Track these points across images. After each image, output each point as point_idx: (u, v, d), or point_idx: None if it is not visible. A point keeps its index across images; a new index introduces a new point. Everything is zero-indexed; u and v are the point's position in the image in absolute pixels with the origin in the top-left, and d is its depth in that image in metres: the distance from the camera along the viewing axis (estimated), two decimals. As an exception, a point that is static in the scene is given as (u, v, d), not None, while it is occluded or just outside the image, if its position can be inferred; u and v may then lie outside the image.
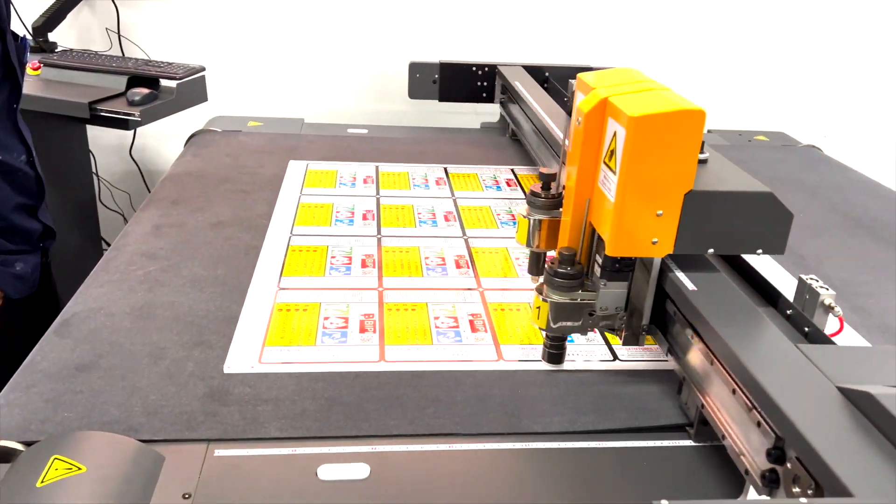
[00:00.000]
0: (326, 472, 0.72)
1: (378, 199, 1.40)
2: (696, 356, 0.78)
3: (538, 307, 0.86)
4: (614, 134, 0.76)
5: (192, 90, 1.75)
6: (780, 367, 0.66)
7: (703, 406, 0.76)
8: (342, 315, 0.99)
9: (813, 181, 1.61)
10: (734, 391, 0.69)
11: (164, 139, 2.15)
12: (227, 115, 1.89)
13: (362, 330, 0.96)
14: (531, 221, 0.92)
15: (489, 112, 1.98)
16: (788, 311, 0.81)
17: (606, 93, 0.79)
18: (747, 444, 0.68)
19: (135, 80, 1.72)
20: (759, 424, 0.65)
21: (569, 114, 1.30)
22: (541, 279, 0.89)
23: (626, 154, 0.73)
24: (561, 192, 0.91)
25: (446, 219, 1.33)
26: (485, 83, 1.89)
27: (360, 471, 0.72)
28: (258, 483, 0.70)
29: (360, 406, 0.81)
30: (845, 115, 2.26)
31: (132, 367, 0.86)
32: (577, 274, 0.85)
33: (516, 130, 1.74)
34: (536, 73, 1.81)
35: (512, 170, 1.60)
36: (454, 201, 1.41)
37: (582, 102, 0.81)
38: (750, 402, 0.66)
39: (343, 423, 0.78)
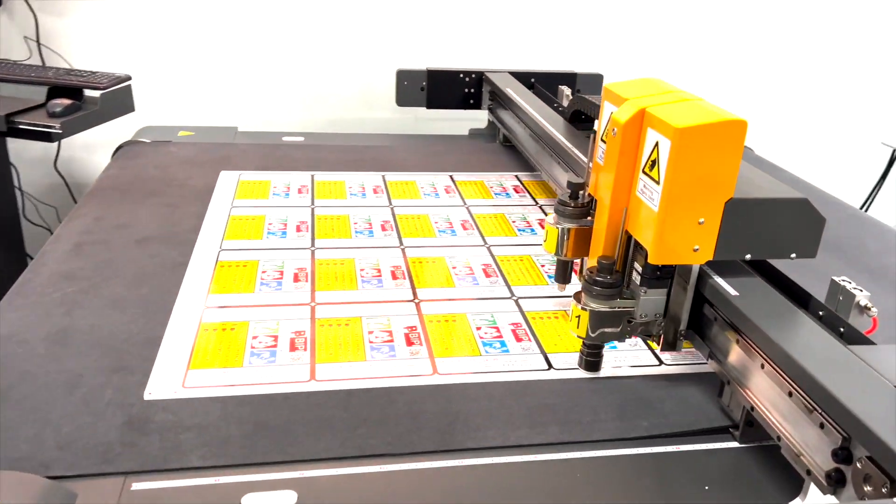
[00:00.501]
0: (251, 502, 0.69)
1: (313, 210, 1.37)
2: (740, 359, 0.79)
3: (577, 316, 0.86)
4: (656, 144, 0.77)
5: (118, 100, 1.68)
6: (838, 368, 0.67)
7: (752, 409, 0.77)
8: (272, 333, 0.96)
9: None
10: (790, 393, 0.70)
11: (91, 150, 2.06)
12: (157, 125, 1.83)
13: (292, 348, 0.93)
14: (560, 230, 0.92)
15: (461, 118, 1.97)
16: (821, 313, 0.80)
17: (643, 103, 0.80)
18: (806, 444, 0.69)
19: (56, 91, 1.64)
20: (821, 426, 0.65)
21: (567, 120, 1.37)
22: (566, 287, 0.97)
23: (672, 164, 0.75)
24: (589, 201, 0.92)
25: (383, 228, 1.31)
26: (472, 90, 1.92)
27: (287, 498, 0.69)
28: (178, 517, 0.67)
29: (288, 430, 0.78)
30: (775, 116, 2.32)
31: (45, 398, 0.81)
32: (616, 282, 0.85)
33: (509, 136, 1.74)
34: (523, 79, 1.83)
35: (451, 176, 1.59)
36: (391, 210, 1.39)
37: (617, 113, 0.82)
38: (810, 403, 0.67)
39: (270, 449, 0.75)
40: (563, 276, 0.98)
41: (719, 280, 0.83)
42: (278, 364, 0.89)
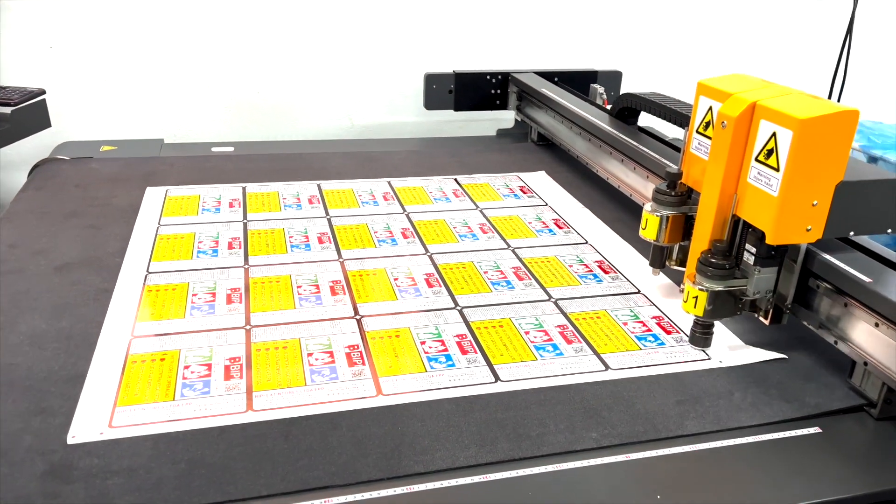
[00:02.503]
0: (187, 550, 0.65)
1: (245, 225, 1.31)
2: (880, 340, 0.84)
3: (695, 297, 0.94)
4: (772, 135, 0.86)
5: (32, 116, 1.59)
6: None
7: None
8: (205, 361, 0.91)
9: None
10: None
11: (3, 170, 1.95)
12: (77, 140, 1.74)
13: (227, 377, 0.88)
14: (661, 218, 1.04)
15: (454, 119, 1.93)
16: None
17: (751, 97, 0.90)
18: None
19: (-38, 108, 1.54)
20: None
21: (612, 115, 1.54)
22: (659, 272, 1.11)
23: (793, 153, 0.84)
24: (686, 190, 1.05)
25: (321, 241, 1.27)
26: (498, 91, 1.96)
27: (226, 543, 0.65)
28: (106, 575, 0.62)
29: (225, 466, 0.74)
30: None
31: (-44, 450, 0.75)
32: (730, 264, 0.93)
33: (545, 134, 1.80)
34: (547, 78, 1.90)
35: (388, 182, 1.56)
36: (329, 221, 1.35)
37: (726, 107, 0.92)
38: None
39: (206, 489, 0.71)
40: (659, 261, 1.10)
41: (827, 256, 0.92)
42: (213, 395, 0.85)
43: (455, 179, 1.59)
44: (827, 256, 0.93)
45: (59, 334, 0.96)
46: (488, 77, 1.95)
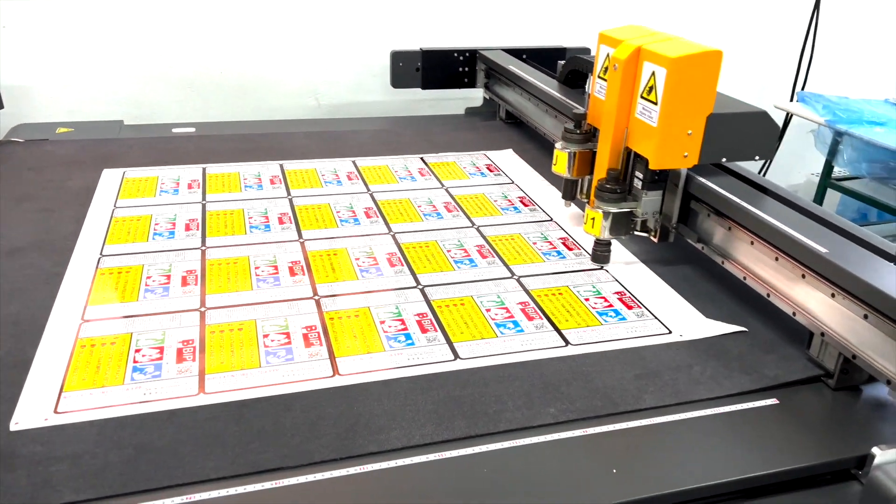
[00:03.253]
0: (132, 536, 0.63)
1: (204, 206, 1.29)
2: (837, 310, 0.85)
3: (592, 218, 1.09)
4: (652, 73, 0.99)
5: (-17, 97, 1.54)
6: None
7: (854, 357, 0.82)
8: (157, 345, 0.89)
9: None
10: None
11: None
12: (33, 122, 1.69)
13: (180, 360, 0.86)
14: (569, 154, 1.19)
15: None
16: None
17: (638, 42, 1.02)
18: None
19: None
20: None
21: (562, 82, 1.58)
22: (571, 204, 1.27)
23: (667, 88, 0.97)
24: (590, 129, 1.18)
25: (281, 221, 1.24)
26: (466, 68, 1.93)
27: (172, 527, 0.64)
28: (45, 563, 0.60)
29: (173, 451, 0.72)
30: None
31: None
32: (623, 188, 1.08)
33: (513, 111, 1.79)
34: (515, 55, 1.87)
35: (353, 161, 1.53)
36: (290, 201, 1.33)
37: (617, 52, 1.05)
38: None
39: (153, 474, 0.69)
40: (570, 193, 1.26)
41: (702, 179, 1.05)
42: (164, 378, 0.83)
43: (421, 158, 1.57)
44: (704, 180, 1.05)
45: (6, 320, 0.93)
46: (456, 54, 1.92)
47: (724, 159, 1.05)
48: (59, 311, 0.95)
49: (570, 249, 1.18)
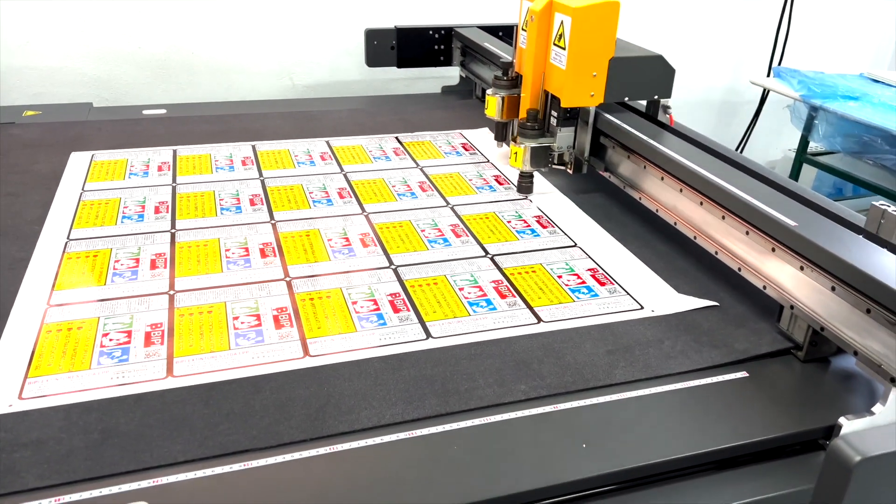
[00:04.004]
0: (97, 520, 0.62)
1: (174, 188, 1.27)
2: (807, 284, 0.86)
3: (515, 152, 1.26)
4: (561, 23, 1.16)
5: (-55, 79, 1.50)
6: None
7: (822, 329, 0.83)
8: (125, 329, 0.88)
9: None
10: (868, 310, 0.76)
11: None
12: (-2, 105, 1.65)
13: (147, 343, 0.85)
14: (499, 99, 1.33)
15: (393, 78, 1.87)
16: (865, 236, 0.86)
17: None
18: (887, 354, 0.75)
19: None
20: None
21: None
22: (502, 145, 1.42)
23: (573, 34, 1.14)
24: (516, 76, 1.32)
25: (252, 202, 1.23)
26: (441, 46, 1.91)
27: (138, 511, 0.63)
28: (8, 550, 0.60)
29: (140, 434, 0.72)
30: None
31: None
32: (541, 125, 1.26)
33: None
34: (491, 32, 1.85)
35: (327, 142, 1.52)
36: (262, 182, 1.31)
37: (534, 5, 1.20)
38: (892, 317, 0.73)
39: (119, 458, 0.69)
40: (501, 135, 1.41)
41: (609, 116, 1.21)
42: (131, 362, 0.82)
43: (396, 138, 1.56)
44: (610, 117, 1.21)
45: (-31, 306, 0.91)
46: (431, 32, 1.90)
47: (626, 98, 1.22)
48: (25, 296, 0.94)
49: (543, 227, 1.18)
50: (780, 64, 2.31)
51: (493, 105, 1.34)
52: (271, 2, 1.93)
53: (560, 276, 1.03)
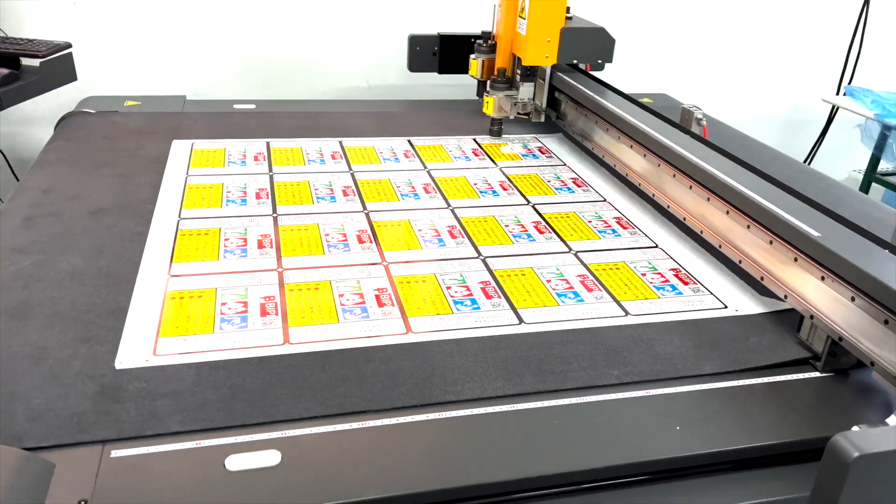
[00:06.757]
0: (235, 462, 0.69)
1: (271, 177, 1.34)
2: (827, 294, 0.86)
3: (487, 102, 1.60)
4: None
5: (59, 69, 1.61)
6: None
7: (840, 339, 0.84)
8: (241, 299, 0.95)
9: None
10: (886, 321, 0.77)
11: (31, 123, 1.97)
12: (101, 95, 1.77)
13: (263, 313, 0.92)
14: (480, 62, 1.67)
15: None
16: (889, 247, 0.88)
17: None
18: None
19: (-10, 60, 1.57)
20: None
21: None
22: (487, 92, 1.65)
23: (531, 9, 1.50)
24: (494, 43, 1.65)
25: (345, 193, 1.30)
26: None
27: (271, 458, 0.69)
28: (161, 480, 0.66)
29: (265, 392, 0.78)
30: (722, 78, 2.38)
31: (10, 372, 0.79)
32: (509, 80, 1.63)
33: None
34: None
35: (409, 140, 1.58)
36: (352, 175, 1.38)
37: None
38: None
39: (249, 411, 0.75)
40: (481, 92, 1.69)
41: (562, 75, 1.58)
42: (250, 329, 0.89)
43: (474, 139, 1.62)
44: (562, 75, 1.56)
45: (98, 272, 0.99)
46: (472, 39, 1.82)
47: (575, 60, 1.60)
48: (147, 266, 1.02)
49: (624, 228, 1.22)
50: (850, 83, 2.31)
51: (475, 67, 1.67)
52: (351, 7, 2.01)
53: (644, 274, 1.07)
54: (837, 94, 2.30)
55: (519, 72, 1.61)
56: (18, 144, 2.03)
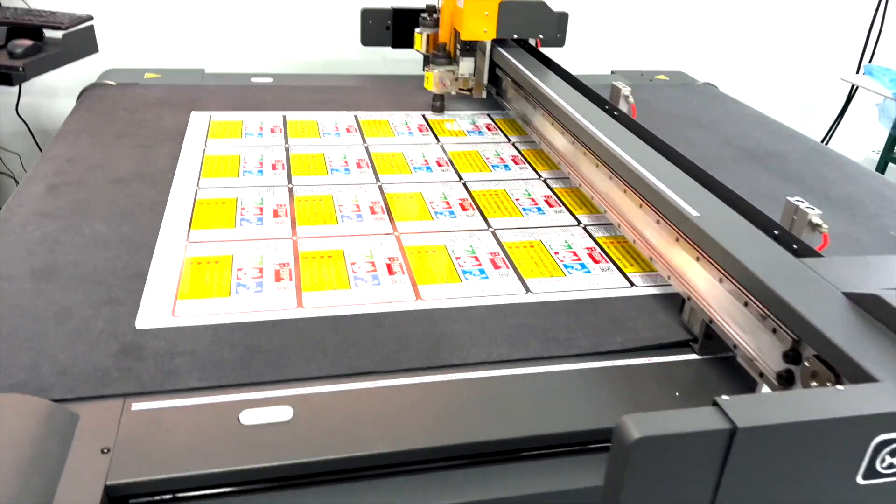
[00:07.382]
0: (249, 417, 0.72)
1: (287, 149, 1.37)
2: (701, 276, 0.86)
3: (427, 76, 1.58)
4: None
5: (81, 41, 1.64)
6: (789, 277, 0.74)
7: (710, 321, 0.84)
8: (256, 265, 0.98)
9: (709, 117, 1.69)
10: (746, 303, 0.77)
11: (53, 95, 2.02)
12: (122, 68, 1.79)
13: (278, 279, 0.95)
14: (424, 36, 1.62)
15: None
16: (776, 231, 0.86)
17: None
18: (759, 350, 0.76)
19: (15, 31, 1.60)
20: (774, 331, 0.72)
21: None
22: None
23: None
24: (437, 18, 1.61)
25: (359, 166, 1.32)
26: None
27: (284, 413, 0.73)
28: (179, 432, 0.70)
29: (280, 353, 0.81)
30: (739, 56, 2.36)
31: (37, 329, 0.83)
32: (448, 55, 1.59)
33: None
34: None
35: (423, 115, 1.60)
36: (366, 148, 1.40)
37: None
38: (764, 311, 0.74)
39: (263, 370, 0.79)
40: (427, 66, 1.62)
41: (502, 50, 1.53)
42: (265, 293, 0.92)
43: (488, 115, 1.63)
44: (502, 51, 1.51)
45: (120, 238, 1.03)
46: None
47: (515, 35, 1.52)
48: (166, 232, 1.05)
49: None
50: (870, 62, 2.29)
51: (420, 41, 1.63)
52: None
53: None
54: (857, 73, 2.28)
55: (459, 47, 1.56)
56: (41, 115, 2.08)
